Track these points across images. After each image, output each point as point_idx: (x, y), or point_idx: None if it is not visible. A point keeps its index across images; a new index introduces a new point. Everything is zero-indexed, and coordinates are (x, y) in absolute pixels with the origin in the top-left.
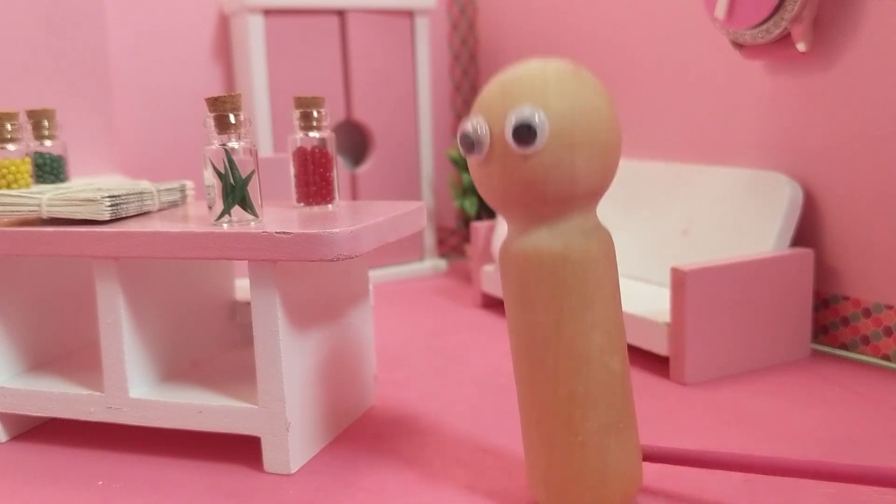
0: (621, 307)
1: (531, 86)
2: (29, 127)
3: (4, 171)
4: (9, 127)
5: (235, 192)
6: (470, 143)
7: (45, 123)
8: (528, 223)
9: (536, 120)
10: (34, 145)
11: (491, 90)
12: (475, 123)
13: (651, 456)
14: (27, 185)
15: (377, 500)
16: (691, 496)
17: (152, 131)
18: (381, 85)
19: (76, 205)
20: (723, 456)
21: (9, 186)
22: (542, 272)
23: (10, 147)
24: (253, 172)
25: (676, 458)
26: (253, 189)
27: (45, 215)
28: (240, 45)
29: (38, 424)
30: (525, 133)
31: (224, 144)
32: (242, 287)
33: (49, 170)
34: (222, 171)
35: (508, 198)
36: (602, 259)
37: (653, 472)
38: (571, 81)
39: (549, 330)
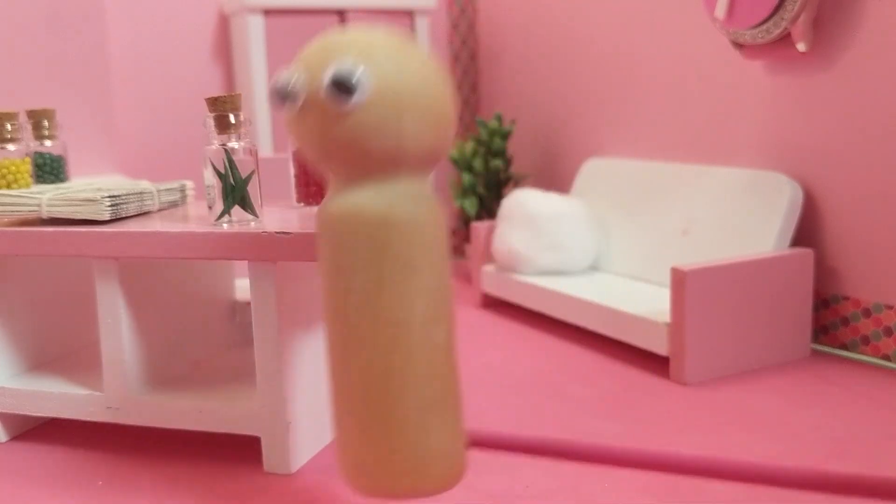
0: (450, 277)
1: (356, 43)
2: (29, 127)
3: (4, 171)
4: (9, 127)
5: (235, 192)
6: (280, 95)
7: (45, 123)
8: (350, 180)
9: (357, 74)
10: (34, 145)
11: (313, 45)
12: (291, 75)
13: (479, 441)
14: (27, 185)
15: (377, 501)
16: (691, 498)
17: (152, 131)
18: None
19: (76, 205)
20: (549, 442)
21: (9, 186)
22: (364, 233)
23: (10, 147)
24: (253, 172)
25: (503, 443)
26: (253, 189)
27: (45, 215)
28: (240, 45)
29: (38, 424)
30: (342, 88)
31: (224, 144)
32: (242, 287)
33: (49, 170)
34: (222, 171)
35: (328, 153)
36: (430, 225)
37: (652, 475)
38: (400, 47)
39: (367, 296)
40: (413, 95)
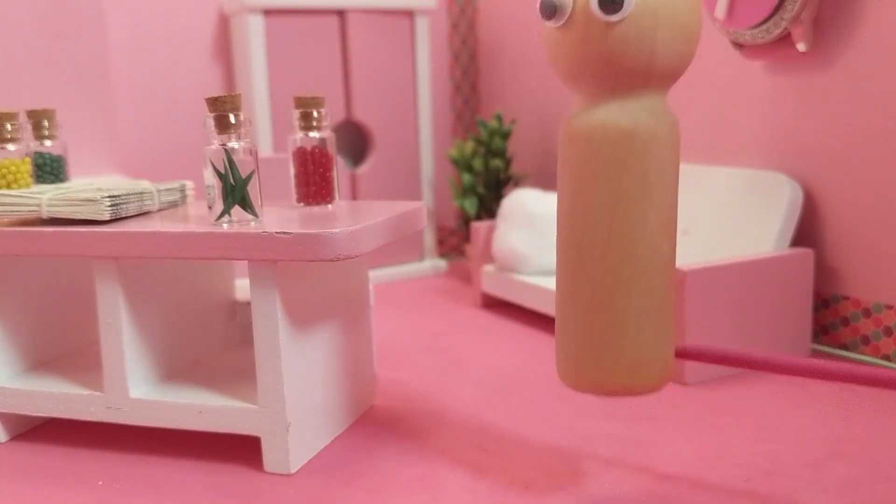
0: (677, 193)
1: None
2: (29, 127)
3: (4, 171)
4: (9, 127)
5: (235, 192)
6: (552, 8)
7: (45, 123)
8: (597, 97)
9: None
10: (34, 145)
11: None
12: None
13: (683, 352)
14: (27, 185)
15: (377, 500)
16: (691, 498)
17: (152, 131)
18: (381, 85)
19: (76, 205)
20: (757, 357)
21: (9, 186)
22: (607, 147)
23: (10, 147)
24: (253, 172)
25: (710, 356)
26: (253, 189)
27: (45, 215)
28: (240, 45)
29: (38, 424)
30: (610, 1)
31: (224, 144)
32: (242, 287)
33: (49, 170)
34: (222, 171)
35: (583, 68)
36: (668, 142)
37: (653, 472)
38: None
39: (604, 208)
40: (668, 10)
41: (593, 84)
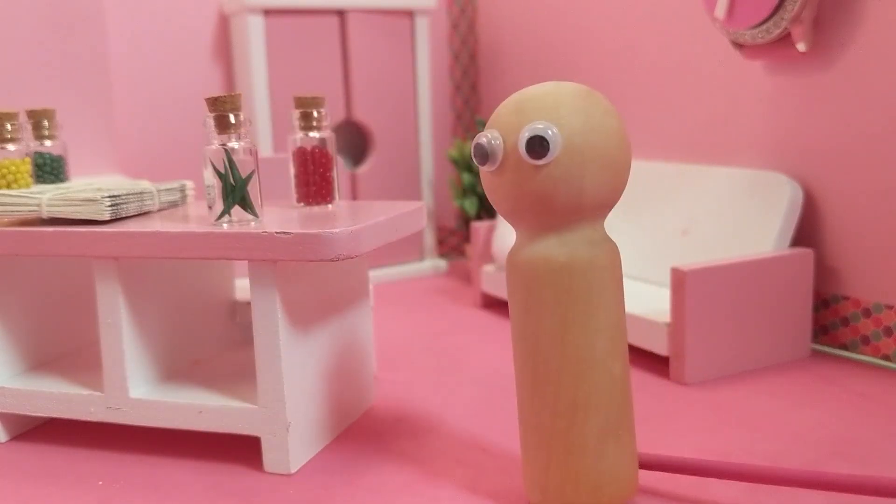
0: (625, 313)
1: (545, 103)
2: (29, 127)
3: (4, 171)
4: (9, 127)
5: (235, 192)
6: (484, 154)
7: (45, 123)
8: (536, 232)
9: (549, 134)
10: (34, 145)
11: (506, 107)
12: (490, 136)
13: (647, 464)
14: (27, 185)
15: (377, 500)
16: (691, 497)
17: (152, 131)
18: (381, 85)
19: (76, 205)
20: (719, 464)
21: (9, 186)
22: (549, 279)
23: (10, 147)
24: (253, 172)
25: (672, 466)
26: (253, 189)
27: (45, 215)
28: (240, 45)
29: (38, 424)
30: (538, 145)
31: (224, 144)
32: (242, 287)
33: (49, 170)
34: (222, 171)
35: (519, 207)
36: (607, 267)
37: (652, 474)
38: (584, 101)
39: (554, 336)
40: (594, 148)
41: (531, 220)
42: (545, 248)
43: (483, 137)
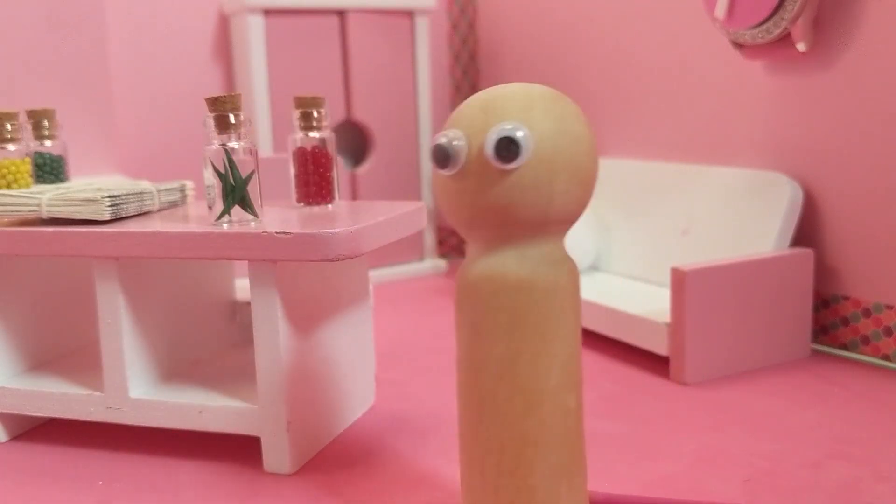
0: (580, 342)
1: (515, 103)
2: (29, 127)
3: (4, 171)
4: (9, 127)
5: (235, 192)
6: (445, 156)
7: (45, 123)
8: (492, 245)
9: (521, 135)
10: (34, 145)
11: (470, 105)
12: (451, 136)
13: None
14: (27, 185)
15: (377, 500)
16: (691, 498)
17: (152, 131)
18: (381, 85)
19: (76, 205)
20: (669, 502)
21: (9, 186)
22: (504, 300)
23: (10, 147)
24: (253, 172)
25: None
26: (253, 189)
27: (45, 215)
28: (240, 45)
29: (38, 424)
30: (508, 148)
31: (224, 144)
32: (242, 287)
33: (49, 170)
34: (222, 171)
35: (478, 217)
36: (568, 290)
37: (652, 472)
38: (556, 105)
39: (504, 363)
40: (565, 156)
41: (489, 232)
42: (502, 265)
43: (443, 137)
